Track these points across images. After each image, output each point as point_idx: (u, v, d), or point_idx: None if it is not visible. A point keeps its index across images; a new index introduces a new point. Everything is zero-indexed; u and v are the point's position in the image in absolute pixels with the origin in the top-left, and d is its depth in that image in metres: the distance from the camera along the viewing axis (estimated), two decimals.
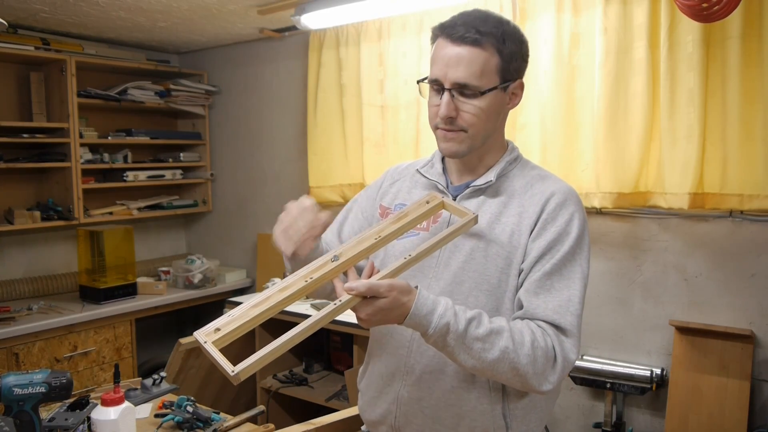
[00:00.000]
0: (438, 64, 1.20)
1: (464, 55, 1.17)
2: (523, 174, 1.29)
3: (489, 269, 1.21)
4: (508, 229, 1.22)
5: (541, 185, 1.25)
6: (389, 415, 1.30)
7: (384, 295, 1.04)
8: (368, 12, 2.83)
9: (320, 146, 3.29)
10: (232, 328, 0.88)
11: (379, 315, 1.05)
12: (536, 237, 1.19)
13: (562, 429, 2.69)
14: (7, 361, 2.78)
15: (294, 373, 3.08)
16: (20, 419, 1.35)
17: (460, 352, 1.09)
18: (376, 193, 1.43)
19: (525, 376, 1.11)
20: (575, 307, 1.16)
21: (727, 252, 2.29)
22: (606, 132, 2.37)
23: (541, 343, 1.11)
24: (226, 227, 4.02)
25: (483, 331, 1.09)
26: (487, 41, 1.17)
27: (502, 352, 1.09)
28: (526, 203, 1.23)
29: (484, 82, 1.18)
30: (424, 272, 1.27)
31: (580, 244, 1.20)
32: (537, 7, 2.52)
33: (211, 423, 1.69)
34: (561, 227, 1.19)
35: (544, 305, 1.15)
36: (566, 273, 1.17)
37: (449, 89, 1.19)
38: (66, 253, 3.56)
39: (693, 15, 1.85)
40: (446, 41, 1.19)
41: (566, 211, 1.21)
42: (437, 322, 1.07)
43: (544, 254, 1.18)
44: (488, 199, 1.26)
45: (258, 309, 0.91)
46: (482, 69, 1.18)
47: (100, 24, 3.22)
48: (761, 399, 2.23)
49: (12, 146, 3.09)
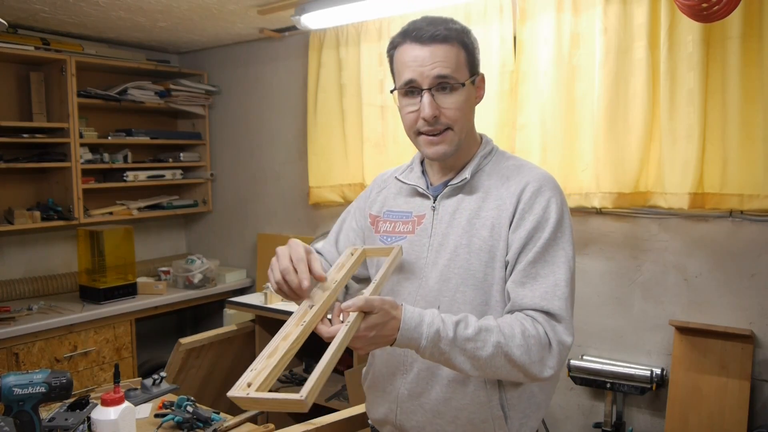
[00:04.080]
0: (410, 67, 1.22)
1: (438, 51, 1.20)
2: (498, 167, 1.31)
3: (473, 264, 1.23)
4: (488, 223, 1.24)
5: (517, 176, 1.27)
6: (391, 414, 1.33)
7: (377, 310, 1.04)
8: (368, 12, 2.83)
9: (320, 146, 3.29)
10: (264, 377, 0.91)
11: (374, 331, 1.05)
12: (516, 228, 1.21)
13: (562, 429, 2.69)
14: (7, 361, 2.77)
15: (294, 373, 3.08)
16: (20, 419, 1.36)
17: (455, 356, 1.10)
18: (365, 203, 1.47)
19: (523, 366, 1.12)
20: (562, 290, 1.17)
21: (727, 252, 2.29)
22: (606, 132, 2.37)
23: (532, 332, 1.13)
24: (226, 227, 4.02)
25: (472, 330, 1.10)
26: (454, 37, 1.22)
27: (495, 346, 1.10)
28: (504, 195, 1.25)
29: (460, 74, 1.22)
30: (415, 273, 1.30)
31: (561, 228, 1.22)
32: (537, 7, 2.52)
33: (211, 423, 1.69)
34: (539, 215, 1.21)
35: (531, 294, 1.17)
36: (549, 258, 1.19)
37: (429, 88, 1.21)
38: (66, 253, 3.56)
39: (693, 15, 1.85)
40: (414, 44, 1.22)
41: (542, 198, 1.22)
42: (427, 332, 1.08)
43: (526, 244, 1.20)
44: (466, 197, 1.29)
45: (274, 358, 0.96)
46: (456, 63, 1.22)
47: (100, 24, 3.22)
48: (761, 399, 2.23)
49: (12, 146, 3.09)
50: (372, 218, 1.42)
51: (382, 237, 1.37)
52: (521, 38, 2.57)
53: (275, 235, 3.69)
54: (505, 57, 2.61)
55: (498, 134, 2.64)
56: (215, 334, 2.94)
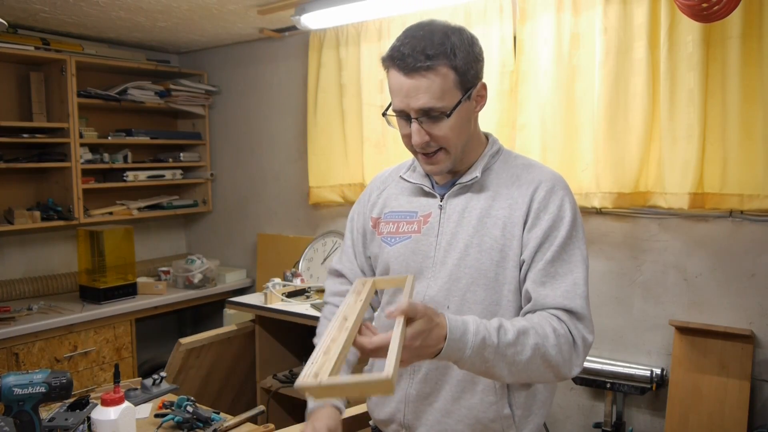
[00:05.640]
0: (398, 95, 1.20)
1: (420, 84, 1.16)
2: (507, 166, 1.30)
3: (485, 263, 1.23)
4: (500, 222, 1.23)
5: (528, 175, 1.27)
6: (398, 413, 1.32)
7: (421, 315, 0.99)
8: (368, 12, 2.83)
9: (320, 146, 3.29)
10: (331, 365, 0.84)
11: (419, 340, 0.98)
12: (531, 227, 1.21)
13: (562, 429, 2.69)
14: (7, 361, 2.77)
15: (294, 373, 3.08)
16: (20, 419, 1.35)
17: (497, 364, 1.08)
18: (365, 207, 1.46)
19: (557, 366, 1.12)
20: (581, 289, 1.18)
21: (727, 252, 2.29)
22: (606, 132, 2.37)
23: (561, 331, 1.13)
24: (226, 227, 4.02)
25: (512, 335, 1.08)
26: (438, 63, 1.16)
27: (533, 349, 1.09)
28: (515, 194, 1.25)
29: (447, 101, 1.18)
30: (423, 273, 1.29)
31: (575, 227, 1.23)
32: (537, 7, 2.52)
33: (211, 423, 1.69)
34: (554, 214, 1.21)
35: (552, 293, 1.17)
36: (567, 257, 1.20)
37: (416, 118, 1.19)
38: (66, 253, 3.56)
39: (693, 15, 1.85)
40: (398, 73, 1.19)
41: (556, 197, 1.23)
42: (473, 340, 1.04)
43: (543, 243, 1.20)
44: (475, 195, 1.28)
45: (333, 353, 0.87)
46: (442, 90, 1.17)
47: (100, 24, 3.22)
48: (761, 399, 2.23)
49: (12, 146, 3.09)
50: (373, 221, 1.41)
51: (385, 238, 1.36)
52: (521, 38, 2.57)
53: (275, 235, 3.69)
54: (505, 57, 2.61)
55: (498, 134, 2.64)
56: (215, 334, 2.94)
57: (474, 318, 1.08)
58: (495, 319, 1.12)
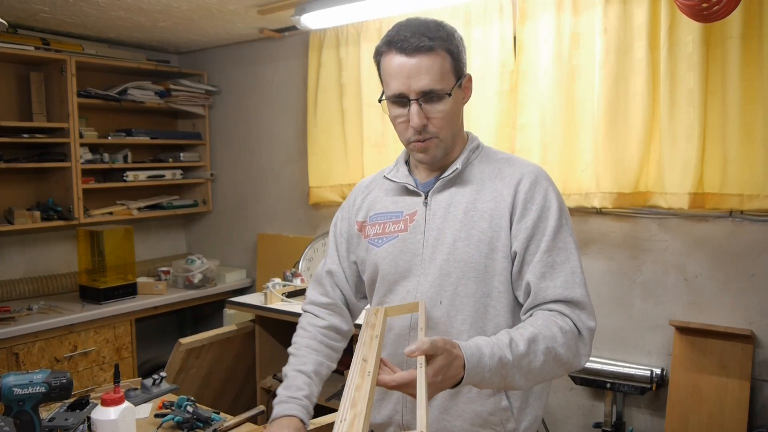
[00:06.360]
0: (398, 78, 1.22)
1: (423, 63, 1.20)
2: (489, 160, 1.33)
3: (474, 256, 1.24)
4: (486, 214, 1.25)
5: (510, 168, 1.29)
6: (396, 415, 1.33)
7: (441, 351, 0.99)
8: (368, 12, 2.83)
9: (320, 146, 3.29)
10: (362, 421, 0.84)
11: (440, 375, 0.99)
12: (520, 218, 1.23)
13: (562, 429, 2.69)
14: (7, 361, 2.77)
15: None
16: (20, 419, 1.35)
17: (514, 376, 1.09)
18: (349, 212, 1.47)
19: (568, 362, 1.15)
20: (579, 277, 1.21)
21: (727, 252, 2.29)
22: (606, 132, 2.37)
23: (566, 327, 1.15)
24: (226, 227, 4.02)
25: (523, 346, 1.09)
26: (438, 45, 1.21)
27: (545, 353, 1.11)
28: (499, 186, 1.27)
29: (446, 84, 1.22)
30: (412, 271, 1.30)
31: (563, 215, 1.26)
32: (537, 7, 2.52)
33: (211, 423, 1.69)
34: (541, 204, 1.24)
35: (552, 285, 1.19)
36: (561, 245, 1.22)
37: (416, 99, 1.21)
38: (66, 253, 3.56)
39: (693, 15, 1.85)
40: (399, 55, 1.21)
41: (541, 188, 1.25)
42: (490, 363, 1.05)
43: (534, 233, 1.22)
44: (459, 190, 1.30)
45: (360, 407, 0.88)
46: (441, 72, 1.21)
47: (100, 24, 3.22)
48: (761, 399, 2.23)
49: (12, 146, 3.09)
50: (359, 225, 1.42)
51: (372, 240, 1.37)
52: (521, 38, 2.57)
53: (275, 235, 3.69)
54: (505, 57, 2.61)
55: (498, 134, 2.64)
56: (215, 334, 2.94)
57: (484, 339, 1.09)
58: (502, 332, 1.12)
